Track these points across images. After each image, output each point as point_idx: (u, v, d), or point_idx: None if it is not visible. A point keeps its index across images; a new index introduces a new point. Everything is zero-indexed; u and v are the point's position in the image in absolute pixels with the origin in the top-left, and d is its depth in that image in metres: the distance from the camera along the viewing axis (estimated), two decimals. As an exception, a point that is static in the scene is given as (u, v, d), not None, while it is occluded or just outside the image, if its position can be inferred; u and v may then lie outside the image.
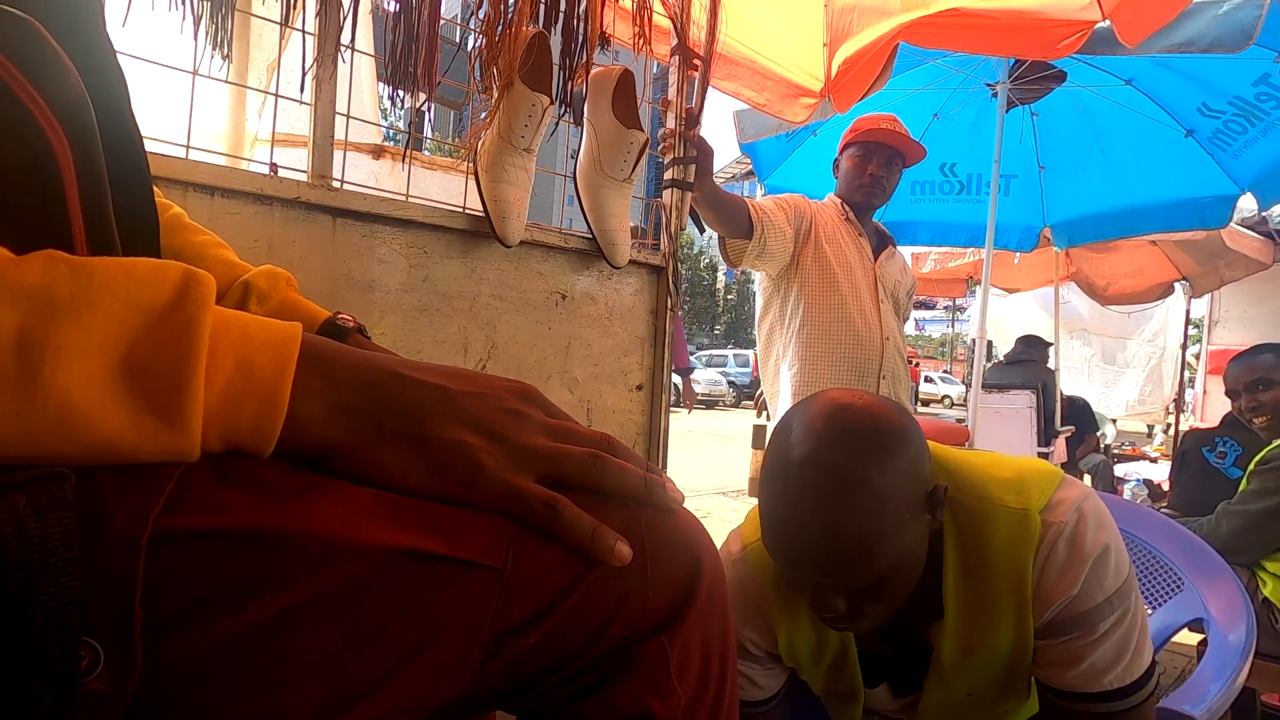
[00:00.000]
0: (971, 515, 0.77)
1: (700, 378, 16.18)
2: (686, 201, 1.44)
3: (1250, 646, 1.13)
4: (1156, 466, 4.35)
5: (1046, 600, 0.75)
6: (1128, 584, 0.76)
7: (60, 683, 0.30)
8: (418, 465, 0.40)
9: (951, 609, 0.78)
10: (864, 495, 0.66)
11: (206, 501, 0.34)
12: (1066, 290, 5.63)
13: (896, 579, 0.71)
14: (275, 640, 0.35)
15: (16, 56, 0.31)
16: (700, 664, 0.47)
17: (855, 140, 1.91)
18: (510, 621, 0.41)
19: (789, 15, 2.00)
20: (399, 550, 0.38)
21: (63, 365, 0.30)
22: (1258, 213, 4.38)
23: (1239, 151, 2.89)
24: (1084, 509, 0.76)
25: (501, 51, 1.12)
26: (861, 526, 0.66)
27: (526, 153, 1.18)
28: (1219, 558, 1.29)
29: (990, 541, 0.76)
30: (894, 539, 0.67)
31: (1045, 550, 0.74)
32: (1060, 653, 0.76)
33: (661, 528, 0.47)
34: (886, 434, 0.69)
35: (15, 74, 0.31)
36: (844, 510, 0.66)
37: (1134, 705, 0.76)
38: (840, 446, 0.68)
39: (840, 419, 0.70)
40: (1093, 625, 0.74)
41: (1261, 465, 1.72)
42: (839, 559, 0.67)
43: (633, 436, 1.45)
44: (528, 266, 1.28)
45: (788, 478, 0.69)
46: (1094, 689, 0.75)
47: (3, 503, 0.30)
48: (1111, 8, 1.68)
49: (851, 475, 0.67)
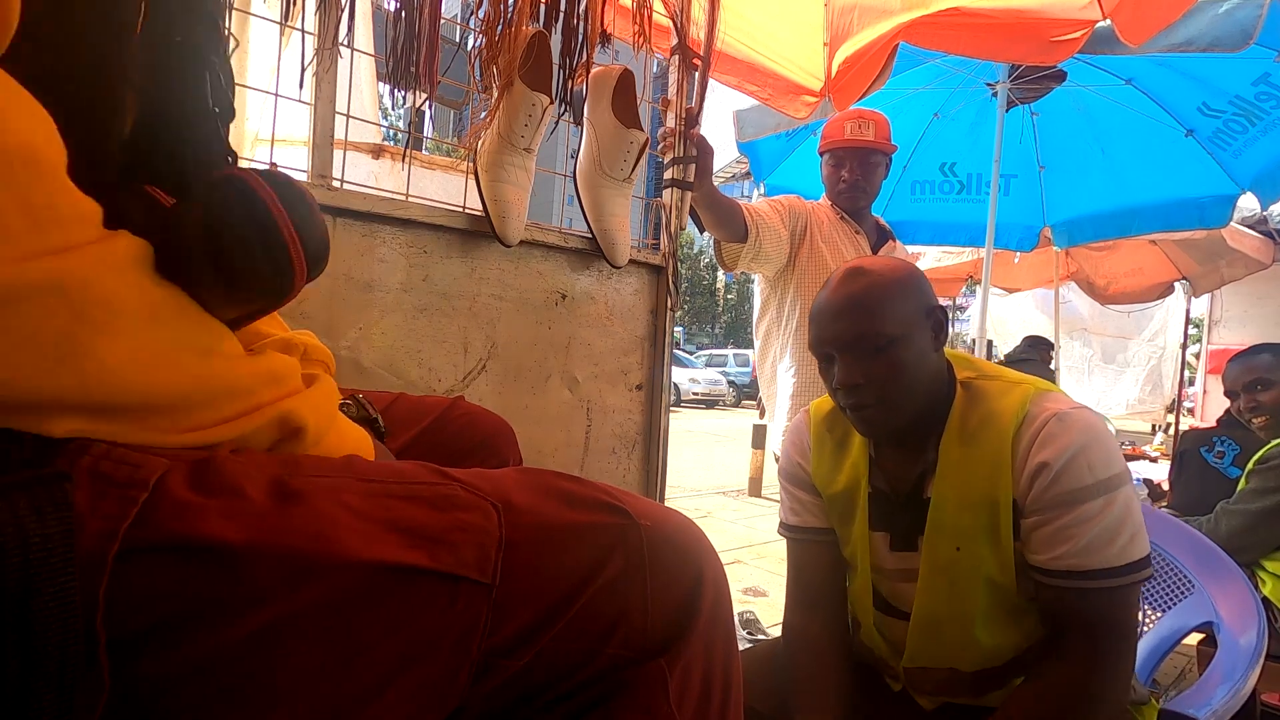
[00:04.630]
0: (980, 389, 0.92)
1: (700, 377, 16.16)
2: (686, 201, 1.44)
3: (1260, 651, 1.12)
4: (1156, 466, 4.35)
5: (1024, 464, 0.84)
6: (1117, 478, 0.83)
7: (60, 682, 0.30)
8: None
9: (945, 460, 0.90)
10: (871, 277, 0.90)
11: (179, 511, 0.33)
12: (1066, 290, 5.63)
13: (900, 360, 0.87)
14: (251, 662, 0.34)
15: (290, 208, 0.44)
16: (701, 687, 0.44)
17: (826, 149, 1.93)
18: (501, 640, 0.39)
19: (789, 15, 2.00)
20: (379, 565, 0.36)
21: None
22: (1258, 212, 4.38)
23: (1239, 151, 2.89)
24: (1084, 411, 0.86)
25: (501, 51, 1.12)
26: (869, 289, 0.89)
27: (526, 152, 1.18)
28: (1229, 560, 1.28)
29: (988, 406, 0.90)
30: (898, 312, 0.88)
31: (1035, 424, 0.85)
32: (1053, 533, 0.83)
33: (663, 538, 0.45)
34: (896, 260, 0.94)
35: (288, 222, 0.43)
36: (856, 283, 0.90)
37: (1126, 584, 0.81)
38: (863, 262, 0.93)
39: (867, 257, 0.94)
40: (1079, 503, 0.81)
41: (1260, 464, 1.72)
42: (857, 309, 0.88)
43: (633, 436, 1.45)
44: (528, 266, 1.28)
45: (827, 285, 0.94)
46: (1088, 566, 0.81)
47: (3, 503, 0.29)
48: (1112, 7, 1.68)
49: (863, 267, 0.92)
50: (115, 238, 0.36)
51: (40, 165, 0.31)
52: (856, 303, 0.89)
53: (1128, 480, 0.84)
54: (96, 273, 0.33)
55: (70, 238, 0.32)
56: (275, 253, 0.43)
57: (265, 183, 0.43)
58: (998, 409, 0.89)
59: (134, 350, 0.35)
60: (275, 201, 0.43)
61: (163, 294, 0.38)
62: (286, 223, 0.43)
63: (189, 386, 0.38)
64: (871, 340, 0.87)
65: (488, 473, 0.45)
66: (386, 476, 0.41)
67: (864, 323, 0.88)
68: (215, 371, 0.39)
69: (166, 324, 0.37)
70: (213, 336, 0.40)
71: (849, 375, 0.89)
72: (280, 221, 0.43)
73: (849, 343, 0.89)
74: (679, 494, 5.09)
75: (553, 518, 0.43)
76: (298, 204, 0.44)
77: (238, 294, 0.42)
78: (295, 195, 0.45)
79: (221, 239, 0.41)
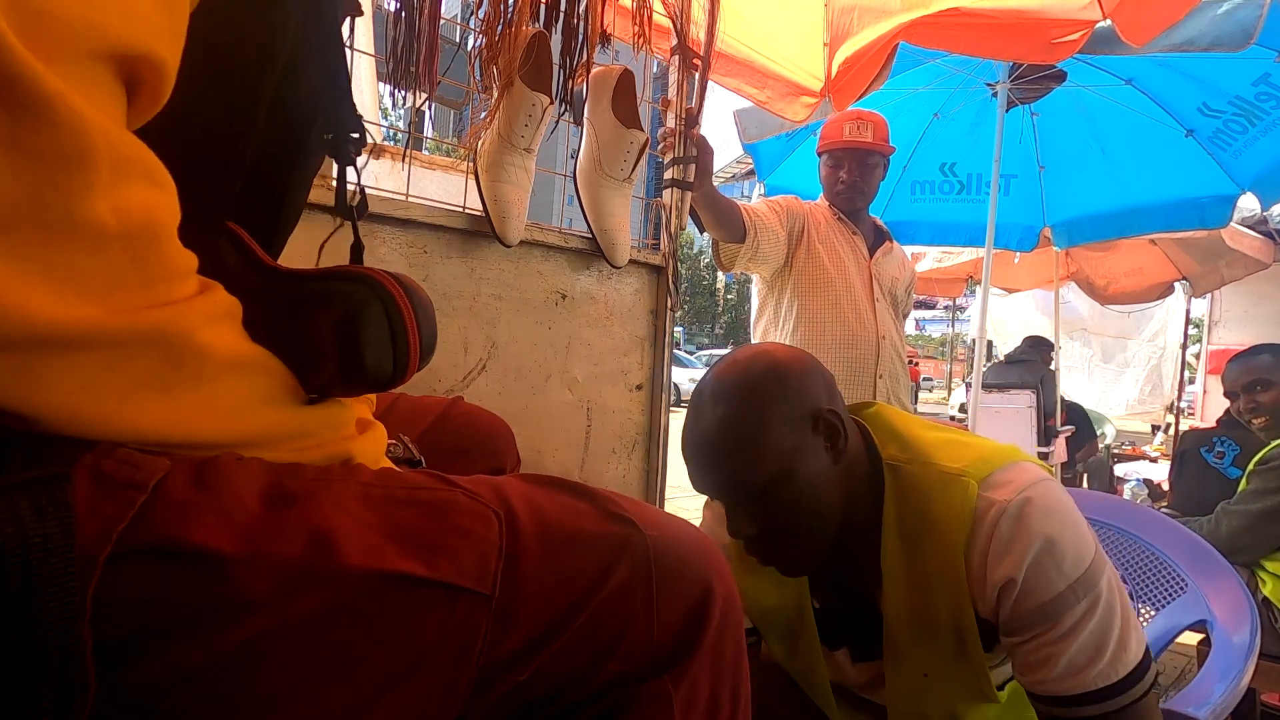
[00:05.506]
0: (914, 480, 0.77)
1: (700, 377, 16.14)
2: (686, 201, 1.44)
3: (1254, 648, 1.13)
4: (1156, 466, 4.35)
5: (983, 580, 0.72)
6: (1092, 572, 0.71)
7: (60, 682, 0.30)
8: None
9: (889, 572, 0.77)
10: (734, 404, 0.76)
11: (175, 514, 0.33)
12: (1066, 290, 5.62)
13: (791, 498, 0.74)
14: (241, 672, 0.33)
15: (419, 315, 0.46)
16: (708, 706, 0.43)
17: (824, 149, 1.93)
18: (501, 653, 0.38)
19: (789, 15, 2.00)
20: (376, 573, 0.36)
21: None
22: (1258, 212, 4.37)
23: (1239, 151, 2.88)
24: (1033, 495, 0.72)
25: (501, 51, 1.12)
26: (724, 433, 0.75)
27: (526, 152, 1.18)
28: (1222, 559, 1.29)
29: (929, 507, 0.76)
30: (768, 444, 0.74)
31: (985, 526, 0.72)
32: (1032, 653, 0.72)
33: (669, 548, 0.43)
34: (762, 363, 0.78)
35: (417, 332, 0.45)
36: (717, 416, 0.76)
37: (1126, 705, 0.69)
38: (722, 380, 0.79)
39: (730, 361, 0.81)
40: (1057, 617, 0.69)
41: (1261, 465, 1.72)
42: (718, 457, 0.75)
43: (633, 436, 1.45)
44: (528, 266, 1.28)
45: (691, 413, 0.80)
46: (1079, 690, 0.69)
47: (3, 503, 0.29)
48: (1112, 7, 1.68)
49: (724, 391, 0.77)
50: (211, 292, 0.39)
51: (158, 232, 0.34)
52: (715, 451, 0.75)
53: (1104, 566, 0.73)
54: (194, 325, 0.36)
55: (174, 293, 0.36)
56: (400, 359, 0.45)
57: (402, 290, 0.45)
58: (940, 514, 0.75)
59: (214, 397, 0.37)
60: (411, 314, 0.45)
61: (246, 347, 0.40)
62: (416, 333, 0.45)
63: (256, 431, 0.40)
64: (747, 490, 0.74)
65: (491, 479, 0.44)
66: (388, 482, 0.41)
67: (733, 474, 0.75)
68: (283, 419, 0.41)
69: (246, 375, 0.39)
70: (285, 387, 0.42)
71: (738, 527, 0.76)
72: (411, 333, 0.45)
73: (725, 495, 0.77)
74: (679, 494, 5.07)
75: (556, 527, 0.42)
76: (425, 311, 0.46)
77: (351, 386, 0.44)
78: (423, 303, 0.47)
79: (358, 342, 0.43)
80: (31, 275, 0.29)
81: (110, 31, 0.31)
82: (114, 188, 0.31)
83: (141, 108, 0.35)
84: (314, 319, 0.43)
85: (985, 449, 0.78)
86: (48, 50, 0.28)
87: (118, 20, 0.31)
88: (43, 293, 0.30)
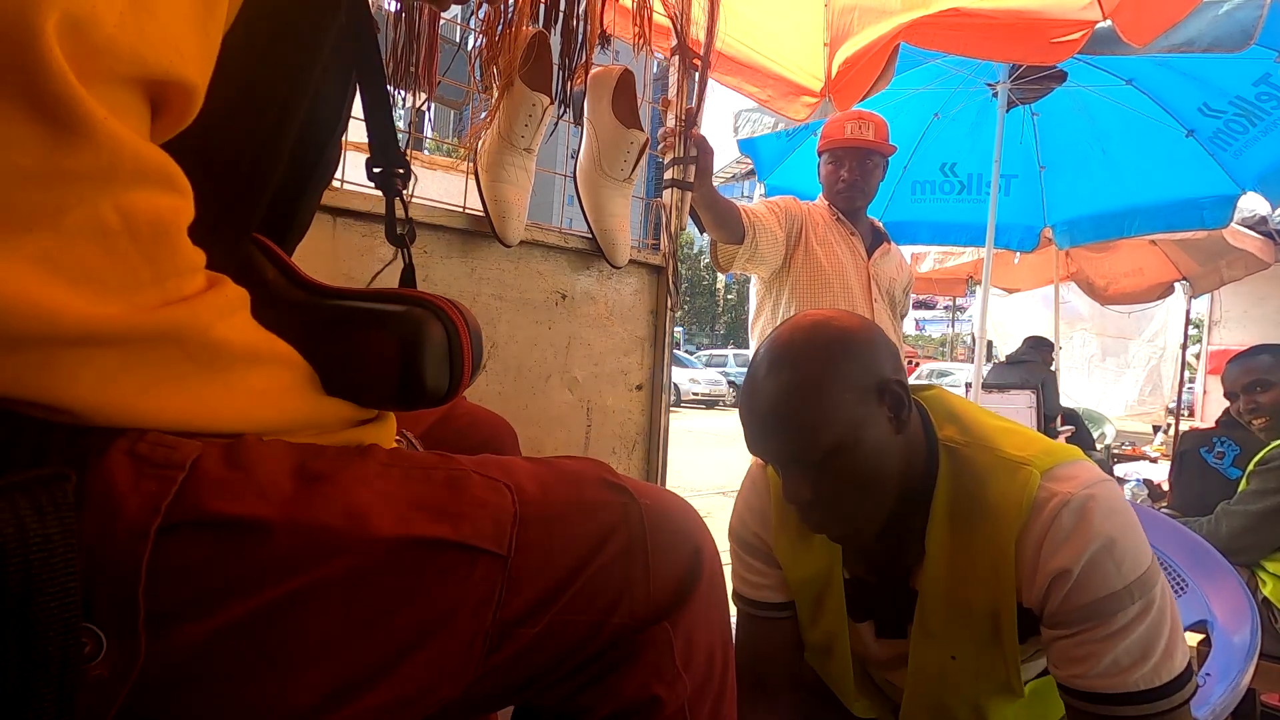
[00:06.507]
0: (971, 463, 0.77)
1: (700, 378, 16.14)
2: (686, 201, 1.44)
3: (1254, 648, 1.13)
4: (1156, 466, 4.35)
5: (1034, 569, 0.71)
6: (1148, 576, 0.70)
7: (60, 682, 0.30)
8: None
9: (933, 551, 0.77)
10: (799, 369, 0.74)
11: (217, 489, 0.35)
12: (1067, 290, 5.62)
13: (851, 466, 0.73)
14: (277, 627, 0.36)
15: (473, 340, 0.48)
16: (705, 650, 0.47)
17: (825, 148, 1.93)
18: (514, 610, 0.41)
19: (789, 15, 2.00)
20: (407, 539, 0.39)
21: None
22: (1258, 213, 4.37)
23: (1240, 151, 2.88)
24: (1097, 493, 0.71)
25: (501, 51, 1.12)
26: (791, 395, 0.73)
27: (526, 152, 1.18)
28: (1223, 559, 1.29)
29: (983, 491, 0.75)
30: (833, 411, 0.72)
31: (1044, 516, 0.71)
32: (1076, 647, 0.70)
33: (661, 514, 0.48)
34: (830, 329, 0.77)
35: (470, 357, 0.47)
36: (782, 381, 0.74)
37: (1165, 710, 0.68)
38: (788, 343, 0.77)
39: (795, 325, 0.79)
40: (1108, 615, 0.69)
41: (1261, 465, 1.72)
42: (781, 422, 0.74)
43: (633, 436, 1.45)
44: (528, 266, 1.28)
45: (752, 376, 0.78)
46: (1119, 689, 0.68)
47: (4, 503, 0.30)
48: (1112, 7, 1.68)
49: (789, 355, 0.75)
50: (221, 285, 0.40)
51: (168, 230, 0.36)
52: (777, 416, 0.74)
53: (1159, 575, 0.72)
54: (209, 320, 0.37)
55: (185, 288, 0.37)
56: (455, 381, 0.46)
57: (460, 314, 0.47)
58: (997, 497, 0.73)
59: (232, 386, 0.39)
60: (468, 338, 0.47)
61: (261, 339, 0.41)
62: (470, 355, 0.47)
63: (275, 419, 0.41)
64: (809, 455, 0.73)
65: (497, 458, 0.48)
66: (403, 461, 0.44)
67: (795, 439, 0.73)
68: (300, 407, 0.43)
69: (263, 366, 0.41)
70: (301, 377, 0.43)
71: (795, 492, 0.75)
72: (466, 355, 0.47)
73: (784, 460, 0.76)
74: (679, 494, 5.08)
75: (559, 496, 0.46)
76: (476, 335, 0.48)
77: (406, 404, 0.45)
78: (476, 328, 0.49)
79: (420, 363, 0.44)
80: (50, 275, 0.30)
81: (150, 60, 0.33)
82: (129, 191, 0.33)
83: (168, 123, 0.36)
84: (371, 338, 0.44)
85: (1050, 443, 0.78)
86: (90, 73, 0.30)
87: (162, 52, 0.33)
88: (63, 292, 0.31)
